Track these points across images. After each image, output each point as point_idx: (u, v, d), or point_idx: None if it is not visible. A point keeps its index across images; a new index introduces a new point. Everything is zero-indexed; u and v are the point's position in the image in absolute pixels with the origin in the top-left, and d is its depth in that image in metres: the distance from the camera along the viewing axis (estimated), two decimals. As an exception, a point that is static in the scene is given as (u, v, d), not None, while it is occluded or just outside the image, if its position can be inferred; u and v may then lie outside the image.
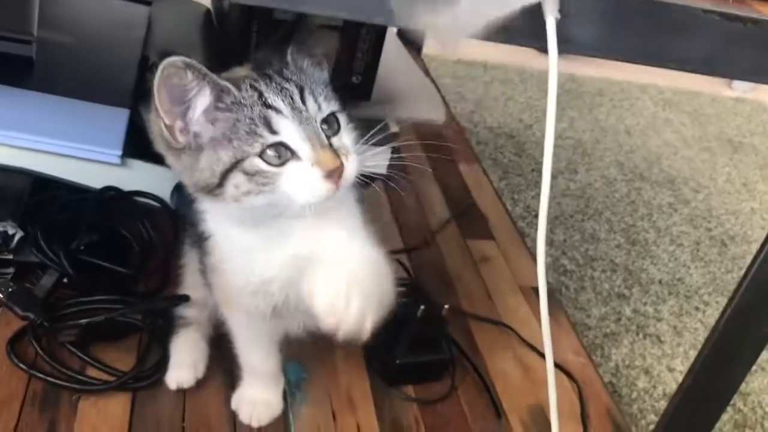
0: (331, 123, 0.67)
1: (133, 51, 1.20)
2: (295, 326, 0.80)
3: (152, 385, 0.86)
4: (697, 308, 1.61)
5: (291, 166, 0.64)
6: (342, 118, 0.68)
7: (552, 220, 1.78)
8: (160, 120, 0.64)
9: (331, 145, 0.66)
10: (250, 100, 0.64)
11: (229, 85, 0.64)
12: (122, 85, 1.11)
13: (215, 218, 0.73)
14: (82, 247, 0.95)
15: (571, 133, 2.25)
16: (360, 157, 0.68)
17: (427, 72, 1.68)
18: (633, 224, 1.86)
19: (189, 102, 0.63)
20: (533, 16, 0.53)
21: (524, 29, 0.54)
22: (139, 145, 1.03)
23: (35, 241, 0.91)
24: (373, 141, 0.71)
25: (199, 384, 0.87)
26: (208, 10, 1.45)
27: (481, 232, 1.29)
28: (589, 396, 1.00)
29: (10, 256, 0.92)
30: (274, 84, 0.65)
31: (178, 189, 1.03)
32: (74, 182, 1.01)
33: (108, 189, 1.03)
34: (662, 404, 1.33)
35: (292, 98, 0.65)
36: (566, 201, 1.89)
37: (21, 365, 0.84)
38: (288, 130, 0.64)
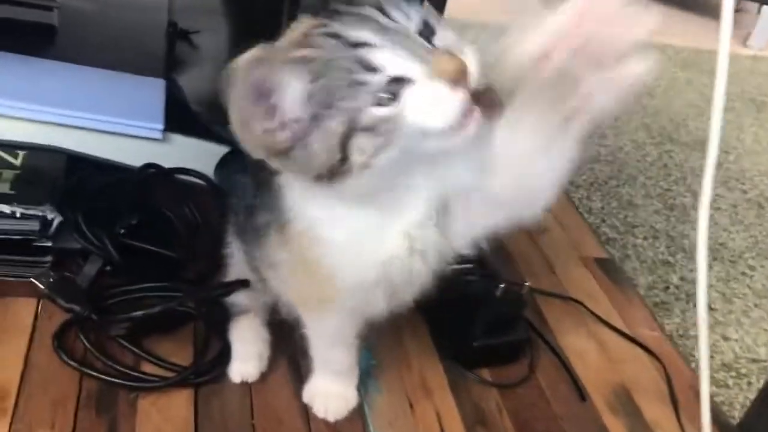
0: (424, 32, 0.55)
1: (160, 17, 1.11)
2: (385, 309, 0.70)
3: (214, 379, 0.79)
4: (743, 273, 1.55)
5: (408, 93, 0.53)
6: (433, 20, 0.55)
7: (588, 187, 1.72)
8: (250, 130, 0.54)
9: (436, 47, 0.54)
10: (333, 50, 0.53)
11: (307, 52, 0.53)
12: (153, 54, 1.03)
13: (311, 204, 0.62)
14: (123, 231, 0.87)
15: (594, 97, 2.18)
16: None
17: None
18: (668, 188, 1.80)
19: (279, 94, 0.54)
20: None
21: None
22: (178, 118, 0.95)
23: (76, 226, 0.83)
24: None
25: (264, 375, 0.80)
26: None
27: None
28: (672, 373, 0.93)
29: (50, 243, 0.84)
30: (347, 17, 0.54)
31: (222, 164, 0.95)
32: (112, 160, 0.93)
33: (148, 166, 0.94)
34: (721, 375, 1.28)
35: (376, 21, 0.53)
36: (599, 167, 1.82)
37: (72, 362, 0.76)
38: (388, 59, 0.52)
